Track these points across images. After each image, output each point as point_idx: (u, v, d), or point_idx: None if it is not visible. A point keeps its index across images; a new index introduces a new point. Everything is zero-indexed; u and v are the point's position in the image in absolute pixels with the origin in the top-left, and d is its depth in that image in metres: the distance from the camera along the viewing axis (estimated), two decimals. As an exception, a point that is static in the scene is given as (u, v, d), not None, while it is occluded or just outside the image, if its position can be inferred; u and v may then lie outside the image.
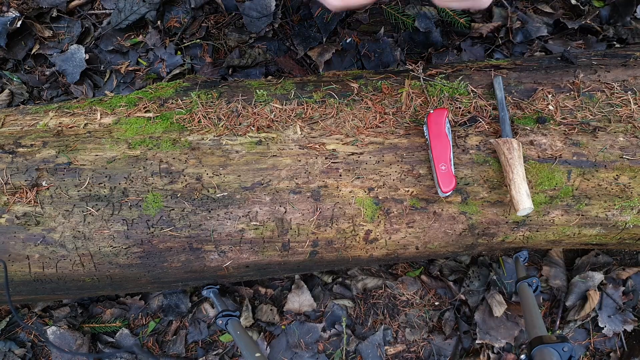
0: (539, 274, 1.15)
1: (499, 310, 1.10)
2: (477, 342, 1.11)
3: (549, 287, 1.15)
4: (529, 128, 0.82)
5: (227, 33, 1.21)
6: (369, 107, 0.85)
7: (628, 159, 0.79)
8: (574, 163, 0.79)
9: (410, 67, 0.92)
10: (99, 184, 0.78)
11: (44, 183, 0.78)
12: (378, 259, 0.85)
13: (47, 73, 1.23)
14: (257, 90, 0.88)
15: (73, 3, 1.23)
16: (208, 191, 0.78)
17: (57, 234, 0.77)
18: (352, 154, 0.80)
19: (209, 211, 0.78)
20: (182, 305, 1.15)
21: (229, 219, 0.78)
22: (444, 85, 0.87)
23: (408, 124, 0.83)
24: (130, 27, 1.22)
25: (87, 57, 1.21)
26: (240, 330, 0.84)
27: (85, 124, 0.84)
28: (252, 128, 0.82)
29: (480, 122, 0.83)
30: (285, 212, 0.78)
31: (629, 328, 1.10)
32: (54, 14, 1.22)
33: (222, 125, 0.83)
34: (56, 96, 1.23)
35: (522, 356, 0.70)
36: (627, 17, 1.18)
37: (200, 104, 0.86)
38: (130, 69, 1.23)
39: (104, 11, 1.24)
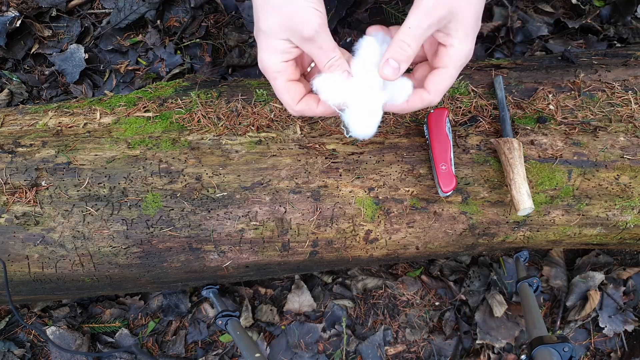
0: (540, 274, 1.15)
1: (499, 310, 1.10)
2: (477, 342, 1.11)
3: (549, 287, 1.15)
4: (529, 128, 0.81)
5: (226, 32, 1.21)
6: (369, 107, 0.84)
7: (629, 158, 0.79)
8: (574, 163, 0.79)
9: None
10: (99, 183, 0.78)
11: (43, 183, 0.78)
12: (378, 259, 0.84)
13: (47, 72, 1.23)
14: (257, 90, 0.88)
15: (72, 2, 1.23)
16: (208, 191, 0.78)
17: (56, 234, 0.77)
18: (352, 153, 0.80)
19: (209, 211, 0.77)
20: (182, 305, 1.15)
21: (229, 218, 0.78)
22: (445, 85, 0.87)
23: (408, 123, 0.83)
24: (130, 26, 1.21)
25: (87, 56, 1.20)
26: (240, 331, 0.84)
27: (85, 124, 0.84)
28: (252, 127, 0.82)
29: (481, 121, 0.82)
30: (285, 212, 0.78)
31: (630, 328, 1.10)
32: (54, 13, 1.22)
33: (221, 125, 0.83)
34: (55, 96, 1.23)
35: (523, 356, 0.70)
36: (627, 17, 1.18)
37: (200, 104, 0.86)
38: (130, 68, 1.23)
39: (103, 10, 1.24)
